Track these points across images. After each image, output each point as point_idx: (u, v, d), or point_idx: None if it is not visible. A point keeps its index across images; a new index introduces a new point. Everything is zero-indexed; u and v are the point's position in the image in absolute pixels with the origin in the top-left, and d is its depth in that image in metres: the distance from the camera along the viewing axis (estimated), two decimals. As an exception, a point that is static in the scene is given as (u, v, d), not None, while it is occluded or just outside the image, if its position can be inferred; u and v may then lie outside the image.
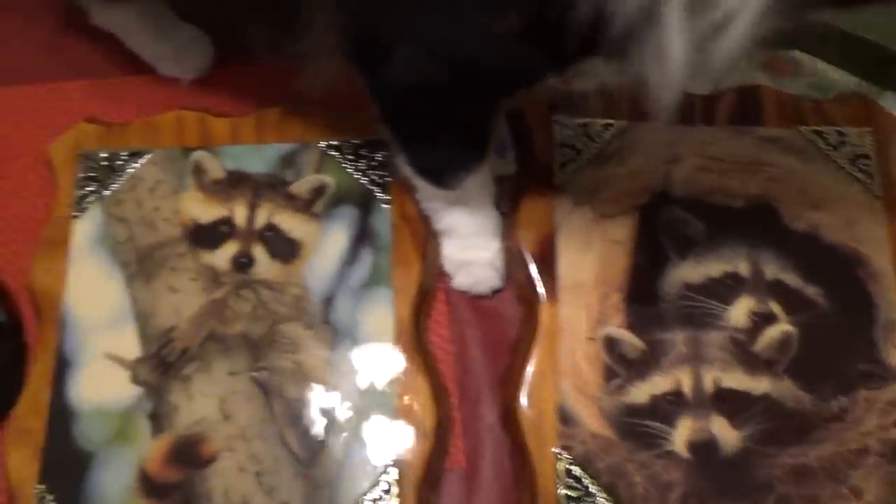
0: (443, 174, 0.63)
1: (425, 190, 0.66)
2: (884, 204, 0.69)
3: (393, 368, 0.66)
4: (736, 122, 0.72)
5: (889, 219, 0.69)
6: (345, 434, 0.64)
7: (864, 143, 0.72)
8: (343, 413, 0.65)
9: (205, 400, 0.65)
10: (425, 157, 0.62)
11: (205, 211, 0.72)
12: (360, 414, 0.65)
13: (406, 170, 0.65)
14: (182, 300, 0.69)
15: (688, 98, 0.73)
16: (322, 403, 0.65)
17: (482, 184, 0.66)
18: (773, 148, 0.71)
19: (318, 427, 0.64)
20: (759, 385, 0.64)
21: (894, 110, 0.74)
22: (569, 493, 0.61)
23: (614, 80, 0.75)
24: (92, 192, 0.72)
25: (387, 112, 0.59)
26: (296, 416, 0.65)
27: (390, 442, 0.64)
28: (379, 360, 0.66)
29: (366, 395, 0.65)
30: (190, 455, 0.64)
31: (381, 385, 0.65)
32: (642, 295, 0.66)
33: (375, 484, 0.62)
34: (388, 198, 0.72)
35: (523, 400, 0.64)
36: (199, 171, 0.73)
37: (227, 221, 0.71)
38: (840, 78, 0.81)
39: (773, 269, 0.67)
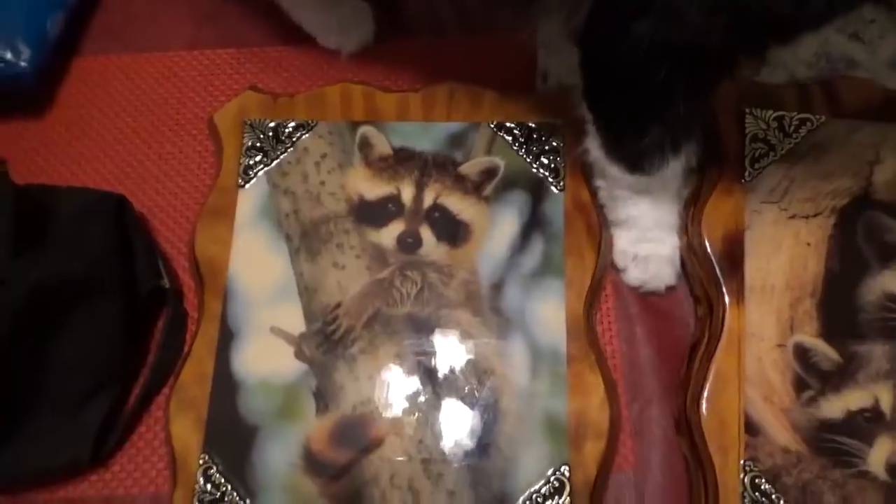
0: (646, 157, 0.59)
1: (613, 176, 0.63)
2: None
3: (565, 363, 0.63)
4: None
5: None
6: (513, 427, 0.62)
7: None
8: (512, 405, 0.62)
9: (370, 382, 0.63)
10: (631, 138, 0.59)
11: (371, 187, 0.70)
12: (530, 407, 0.62)
13: (596, 154, 0.62)
14: (347, 277, 0.67)
15: (889, 95, 0.69)
16: (490, 393, 0.63)
17: (676, 172, 0.62)
18: None
19: (485, 417, 0.62)
20: (967, 409, 0.59)
21: None
22: (755, 507, 0.58)
23: (806, 72, 0.71)
24: (258, 161, 0.71)
25: (601, 86, 0.56)
26: (463, 404, 0.62)
27: (562, 438, 0.61)
28: (550, 353, 0.63)
29: (536, 388, 0.63)
30: (355, 437, 0.62)
31: (552, 379, 0.63)
32: (838, 303, 0.62)
33: (547, 481, 0.60)
34: (560, 184, 0.69)
35: (703, 405, 0.61)
36: (365, 146, 0.71)
37: (394, 199, 0.69)
38: None
39: (985, 285, 0.62)
